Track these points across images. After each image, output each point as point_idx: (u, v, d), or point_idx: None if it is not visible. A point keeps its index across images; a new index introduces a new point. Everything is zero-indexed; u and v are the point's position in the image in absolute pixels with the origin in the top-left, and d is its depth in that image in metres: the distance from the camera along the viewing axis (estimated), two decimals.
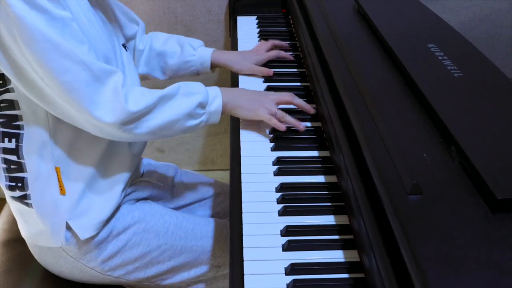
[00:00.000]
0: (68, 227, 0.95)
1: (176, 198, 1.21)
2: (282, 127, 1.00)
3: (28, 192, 0.93)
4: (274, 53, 1.26)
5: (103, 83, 0.83)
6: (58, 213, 0.93)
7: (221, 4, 1.73)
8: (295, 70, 1.29)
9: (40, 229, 0.96)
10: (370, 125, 0.82)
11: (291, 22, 1.56)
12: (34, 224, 0.96)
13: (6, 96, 0.87)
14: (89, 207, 0.95)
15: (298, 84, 1.24)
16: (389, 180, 0.70)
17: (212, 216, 1.24)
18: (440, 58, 0.98)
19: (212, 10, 1.74)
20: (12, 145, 0.90)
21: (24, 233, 1.01)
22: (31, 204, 0.94)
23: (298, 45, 1.40)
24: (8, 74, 0.83)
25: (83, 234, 0.94)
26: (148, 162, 1.22)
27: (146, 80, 1.27)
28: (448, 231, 0.62)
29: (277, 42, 1.32)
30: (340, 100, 0.94)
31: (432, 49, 1.01)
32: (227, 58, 1.23)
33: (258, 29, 1.53)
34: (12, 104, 0.88)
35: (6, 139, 0.90)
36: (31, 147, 0.90)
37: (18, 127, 0.89)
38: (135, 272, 1.02)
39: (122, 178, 0.99)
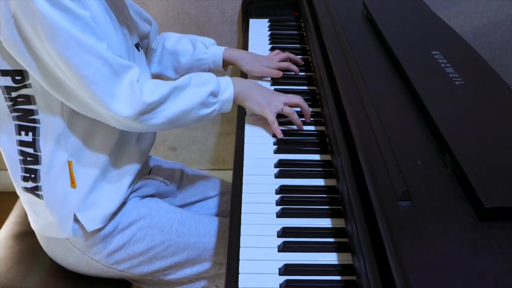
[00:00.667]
0: (76, 219, 0.98)
1: (182, 196, 1.24)
2: (280, 134, 1.03)
3: (40, 184, 0.97)
4: (285, 65, 1.27)
5: (121, 77, 0.88)
6: (67, 205, 0.97)
7: (235, 6, 1.75)
8: (303, 74, 1.31)
9: (49, 220, 1.00)
10: (368, 130, 0.84)
11: (303, 26, 1.58)
12: (43, 215, 1.00)
13: (23, 91, 0.91)
14: (97, 200, 0.99)
15: (305, 87, 1.25)
16: (381, 185, 0.72)
17: (217, 214, 1.27)
18: (443, 65, 0.98)
19: (225, 12, 1.77)
20: (29, 138, 0.94)
21: (33, 225, 1.05)
22: (41, 195, 0.98)
23: (307, 48, 1.41)
24: (32, 70, 0.88)
25: (90, 226, 0.98)
26: (156, 160, 1.26)
27: (159, 79, 1.30)
28: (435, 237, 0.63)
29: (292, 56, 1.31)
30: (342, 104, 0.96)
31: (435, 56, 1.02)
32: (238, 56, 1.24)
33: (270, 32, 1.55)
34: (29, 99, 0.92)
35: (22, 132, 0.94)
36: (47, 140, 0.94)
37: (34, 121, 0.93)
38: (139, 266, 1.05)
39: (130, 172, 1.03)
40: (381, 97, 0.93)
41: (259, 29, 1.59)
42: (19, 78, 0.90)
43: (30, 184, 0.98)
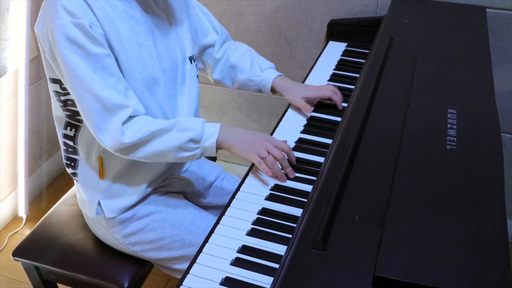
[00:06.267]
0: (100, 204, 1.19)
1: (211, 198, 1.37)
2: (269, 172, 1.08)
3: (77, 171, 1.20)
4: (328, 94, 1.30)
5: (113, 114, 1.03)
6: (94, 192, 1.18)
7: (323, 26, 1.82)
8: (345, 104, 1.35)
9: (84, 200, 1.23)
10: (335, 173, 0.89)
11: None
12: (81, 193, 1.23)
13: (70, 96, 1.11)
14: (118, 193, 1.18)
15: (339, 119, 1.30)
16: (310, 228, 0.78)
17: None
18: (449, 126, 0.98)
19: (313, 30, 1.85)
20: (71, 133, 1.16)
21: (77, 199, 1.29)
22: (78, 180, 1.21)
23: None
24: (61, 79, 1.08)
25: (108, 214, 1.18)
26: (198, 160, 1.40)
27: (219, 85, 1.44)
28: None
29: (336, 98, 1.31)
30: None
31: (449, 115, 1.01)
32: (284, 87, 1.32)
33: (340, 58, 1.60)
34: (75, 102, 1.11)
35: (68, 128, 1.17)
36: (84, 137, 1.15)
37: (79, 121, 1.15)
38: (149, 251, 1.22)
39: (150, 174, 1.19)
40: (371, 145, 0.97)
41: (333, 52, 1.65)
42: (64, 86, 1.10)
43: (70, 170, 1.22)
